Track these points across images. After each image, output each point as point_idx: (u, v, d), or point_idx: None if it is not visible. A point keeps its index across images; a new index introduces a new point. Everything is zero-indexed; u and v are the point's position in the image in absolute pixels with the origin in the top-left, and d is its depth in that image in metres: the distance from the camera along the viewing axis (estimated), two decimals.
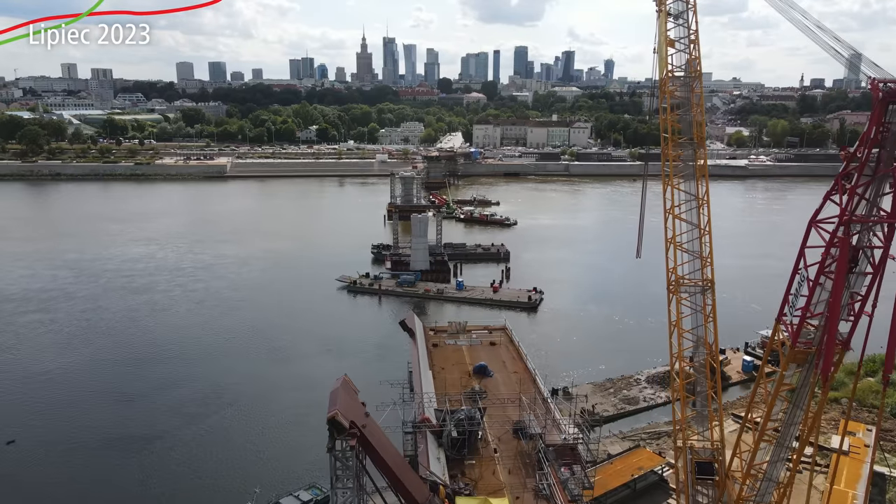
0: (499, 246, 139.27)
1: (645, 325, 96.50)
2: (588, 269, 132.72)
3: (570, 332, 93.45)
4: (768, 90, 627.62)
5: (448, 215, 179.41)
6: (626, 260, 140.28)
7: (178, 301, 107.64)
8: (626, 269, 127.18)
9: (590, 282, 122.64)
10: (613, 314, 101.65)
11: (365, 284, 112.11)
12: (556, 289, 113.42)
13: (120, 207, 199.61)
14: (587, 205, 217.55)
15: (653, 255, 54.19)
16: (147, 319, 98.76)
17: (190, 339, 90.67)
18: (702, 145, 45.97)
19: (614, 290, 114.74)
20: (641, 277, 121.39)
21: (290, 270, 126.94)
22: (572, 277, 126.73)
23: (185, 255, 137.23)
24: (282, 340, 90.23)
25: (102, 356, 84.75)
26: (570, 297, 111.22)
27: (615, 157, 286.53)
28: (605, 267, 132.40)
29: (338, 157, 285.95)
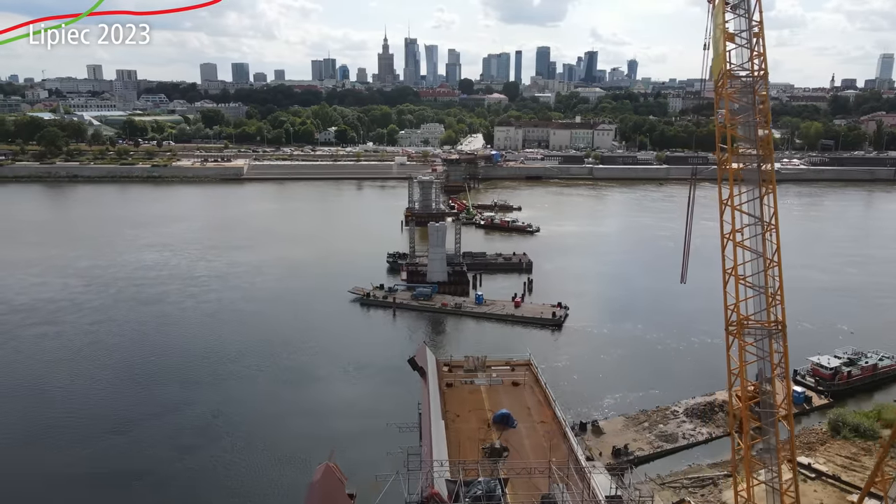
0: (520, 255, 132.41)
1: (680, 347, 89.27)
2: (616, 282, 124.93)
3: (598, 354, 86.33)
4: (798, 91, 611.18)
5: (467, 221, 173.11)
6: (657, 272, 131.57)
7: (188, 313, 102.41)
8: (658, 281, 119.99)
9: (618, 296, 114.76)
10: (645, 333, 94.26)
11: (379, 297, 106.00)
12: (582, 303, 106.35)
13: (136, 211, 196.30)
14: (613, 210, 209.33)
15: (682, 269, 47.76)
16: (155, 334, 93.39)
17: (197, 357, 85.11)
18: (769, 159, 38.68)
19: (645, 306, 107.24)
20: (675, 292, 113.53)
21: (304, 280, 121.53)
22: (599, 290, 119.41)
23: (198, 263, 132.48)
24: (291, 360, 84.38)
25: (104, 375, 79.60)
26: (598, 312, 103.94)
27: (641, 161, 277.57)
28: (635, 279, 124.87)
29: (356, 159, 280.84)
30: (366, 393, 74.54)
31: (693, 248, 44.75)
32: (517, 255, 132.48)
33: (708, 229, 46.10)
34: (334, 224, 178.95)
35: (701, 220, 42.47)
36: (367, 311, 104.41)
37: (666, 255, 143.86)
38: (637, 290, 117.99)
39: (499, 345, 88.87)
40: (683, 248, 48.50)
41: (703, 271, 48.69)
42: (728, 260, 37.78)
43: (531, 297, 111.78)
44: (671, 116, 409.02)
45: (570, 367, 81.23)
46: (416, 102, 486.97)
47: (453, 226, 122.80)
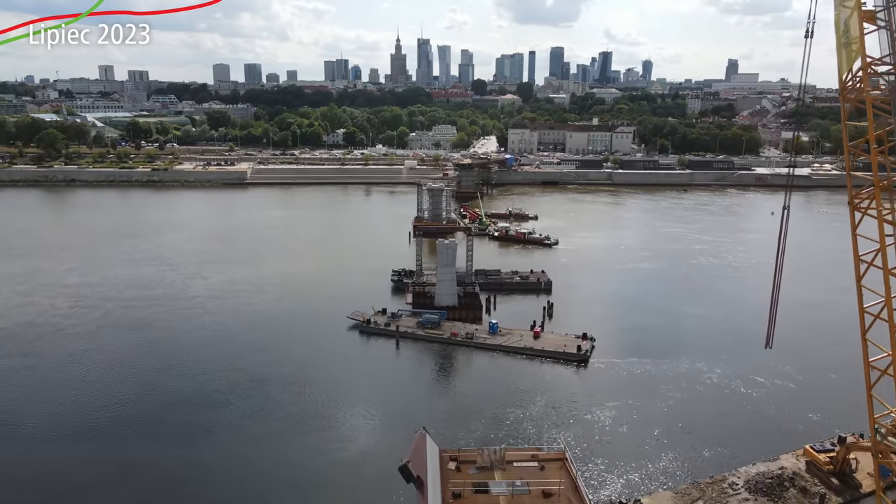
0: (539, 273, 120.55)
1: (733, 392, 76.76)
2: (649, 306, 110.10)
3: (632, 400, 74.31)
4: (821, 91, 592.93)
5: (480, 232, 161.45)
6: (697, 294, 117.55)
7: (179, 343, 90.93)
8: (700, 306, 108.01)
9: (652, 324, 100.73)
10: (688, 374, 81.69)
11: (380, 324, 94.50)
12: (609, 332, 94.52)
13: (133, 218, 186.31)
14: (637, 220, 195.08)
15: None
16: (134, 373, 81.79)
17: (182, 403, 73.30)
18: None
19: (686, 338, 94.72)
20: (720, 319, 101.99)
21: (304, 300, 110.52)
22: (630, 317, 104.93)
23: (193, 280, 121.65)
24: (279, 413, 72.02)
25: (64, 429, 68.03)
26: (629, 345, 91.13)
27: (663, 165, 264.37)
28: (671, 303, 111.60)
29: (364, 163, 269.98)
30: (347, 473, 60.62)
31: (722, 265, 32.99)
32: (535, 273, 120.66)
33: (724, 243, 34.71)
34: (339, 234, 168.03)
35: (716, 232, 30.77)
36: (367, 340, 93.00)
37: (705, 272, 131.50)
38: (675, 316, 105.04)
39: (516, 386, 77.58)
40: (771, 301, 36.81)
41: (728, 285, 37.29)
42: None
43: (551, 322, 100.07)
44: (691, 118, 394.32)
45: (600, 418, 69.57)
46: (428, 103, 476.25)
47: (465, 240, 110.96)
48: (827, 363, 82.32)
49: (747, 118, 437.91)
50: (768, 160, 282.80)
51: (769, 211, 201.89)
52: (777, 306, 35.91)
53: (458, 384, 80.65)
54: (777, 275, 34.43)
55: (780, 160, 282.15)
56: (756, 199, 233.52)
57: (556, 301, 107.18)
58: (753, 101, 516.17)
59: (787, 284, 43.40)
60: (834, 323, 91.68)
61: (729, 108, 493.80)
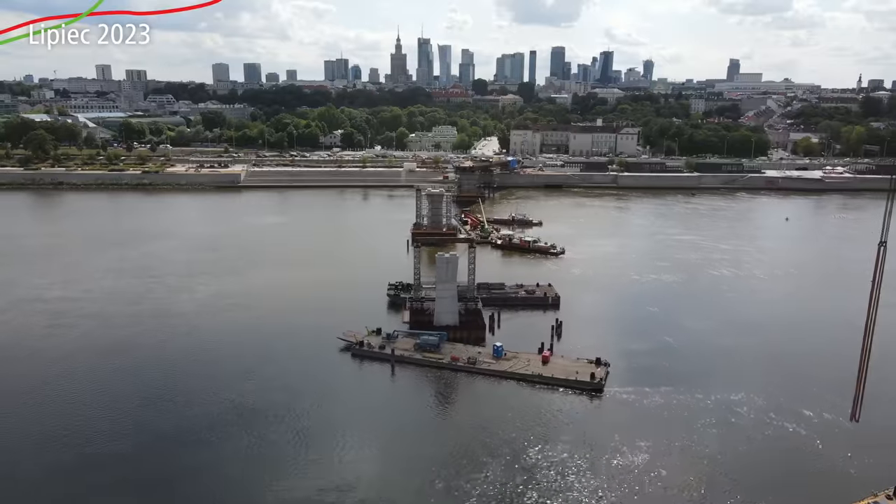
0: (545, 287, 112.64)
1: (777, 430, 68.39)
2: (668, 325, 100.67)
3: (662, 438, 66.23)
4: (825, 91, 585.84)
5: (482, 239, 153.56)
6: (721, 312, 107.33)
7: (159, 368, 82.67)
8: (725, 326, 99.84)
9: (673, 346, 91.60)
10: (719, 406, 73.12)
11: (374, 347, 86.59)
12: (625, 355, 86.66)
13: (120, 224, 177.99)
14: (647, 226, 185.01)
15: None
16: (113, 402, 73.68)
17: (159, 442, 65.80)
18: None
19: (710, 361, 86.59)
20: (748, 338, 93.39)
21: (295, 316, 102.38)
22: (647, 338, 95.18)
23: (180, 295, 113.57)
24: (264, 454, 64.05)
25: (31, 470, 60.37)
26: (647, 370, 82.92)
27: (670, 168, 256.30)
28: (693, 321, 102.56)
29: (362, 165, 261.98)
30: None
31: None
32: (541, 286, 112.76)
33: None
34: (334, 242, 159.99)
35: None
36: (360, 364, 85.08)
37: (728, 284, 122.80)
38: (699, 335, 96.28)
39: (528, 421, 69.94)
40: (861, 363, 29.02)
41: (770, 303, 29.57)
42: None
43: (560, 343, 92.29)
44: (695, 119, 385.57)
45: (630, 461, 61.91)
46: (428, 103, 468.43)
47: (466, 252, 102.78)
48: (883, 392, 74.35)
49: (753, 119, 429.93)
50: (779, 163, 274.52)
51: (784, 217, 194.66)
52: (867, 368, 28.12)
53: (462, 418, 72.89)
54: (868, 332, 26.60)
55: (790, 163, 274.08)
56: (769, 203, 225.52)
57: (565, 318, 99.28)
58: (758, 101, 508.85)
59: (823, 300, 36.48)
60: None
61: (733, 109, 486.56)
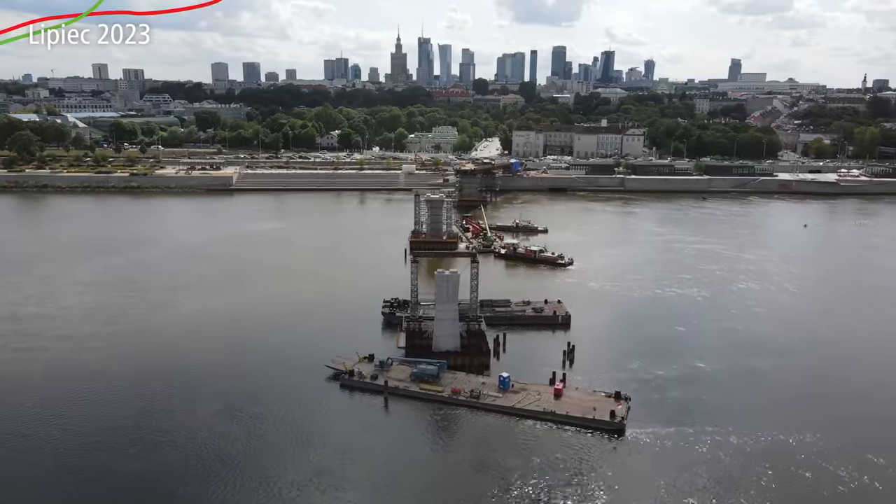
0: (554, 304, 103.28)
1: (850, 485, 58.99)
2: (693, 347, 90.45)
3: (691, 493, 57.18)
4: (831, 91, 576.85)
5: (485, 248, 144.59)
6: (752, 329, 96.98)
7: (129, 405, 72.84)
8: (754, 342, 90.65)
9: (703, 374, 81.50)
10: (769, 450, 63.32)
11: (366, 376, 77.33)
12: (648, 386, 77.53)
13: (104, 231, 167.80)
14: (661, 233, 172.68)
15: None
16: (74, 445, 64.89)
17: (124, 493, 57.73)
18: None
19: (751, 393, 76.82)
20: (790, 364, 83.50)
21: (280, 335, 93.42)
22: (671, 362, 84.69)
23: (161, 311, 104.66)
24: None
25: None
26: (676, 404, 73.03)
27: (679, 170, 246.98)
28: (719, 341, 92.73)
29: (359, 167, 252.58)
30: None
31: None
32: (550, 303, 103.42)
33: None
34: (327, 251, 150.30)
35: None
36: (350, 396, 75.80)
37: (758, 299, 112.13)
38: (733, 361, 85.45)
39: (541, 469, 60.95)
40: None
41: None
42: None
43: (572, 370, 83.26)
44: (700, 119, 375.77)
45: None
46: (429, 103, 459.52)
47: (469, 265, 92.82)
48: None
49: (759, 119, 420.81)
50: (791, 165, 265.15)
51: (802, 223, 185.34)
52: None
53: (463, 462, 63.63)
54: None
55: (802, 165, 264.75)
56: (784, 208, 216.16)
57: (578, 340, 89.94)
58: (763, 101, 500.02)
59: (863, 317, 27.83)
60: None
61: (739, 109, 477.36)
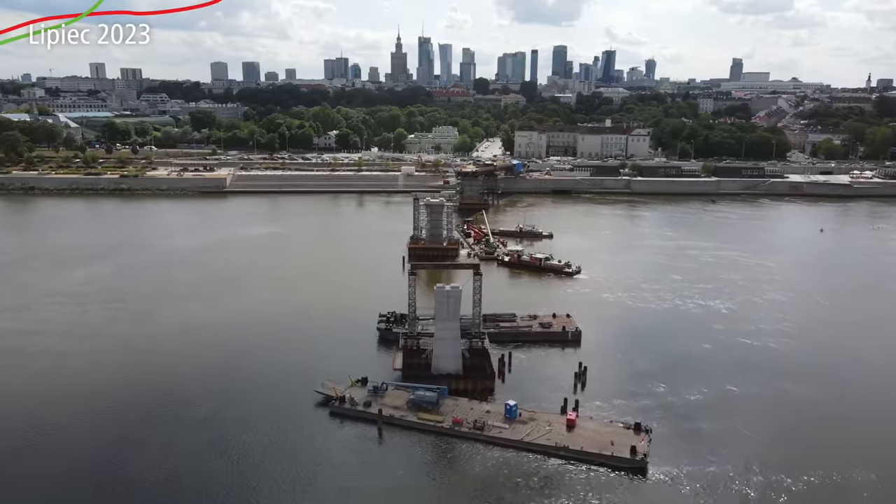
0: (563, 318, 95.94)
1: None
2: (720, 368, 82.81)
3: None
4: (836, 91, 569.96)
5: (488, 255, 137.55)
6: (783, 347, 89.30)
7: (96, 439, 65.88)
8: (789, 363, 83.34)
9: (733, 399, 74.13)
10: (818, 495, 56.30)
11: (358, 403, 70.13)
12: (671, 414, 70.38)
13: (91, 237, 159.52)
14: (671, 238, 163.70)
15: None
16: (39, 479, 58.59)
17: None
18: None
19: (788, 422, 69.52)
20: (833, 388, 75.90)
21: (269, 354, 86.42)
22: (699, 382, 77.75)
23: (142, 324, 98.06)
24: None
25: None
26: (703, 437, 65.63)
27: (686, 172, 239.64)
28: (747, 361, 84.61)
29: (357, 168, 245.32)
30: None
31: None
32: (558, 317, 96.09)
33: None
34: (323, 257, 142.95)
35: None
36: (341, 426, 68.54)
37: (785, 314, 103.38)
38: (766, 384, 77.62)
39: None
40: None
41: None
42: None
43: (584, 393, 76.21)
44: (705, 119, 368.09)
45: None
46: (429, 103, 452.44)
47: (471, 277, 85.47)
48: None
49: (764, 119, 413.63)
50: (802, 166, 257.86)
51: (818, 227, 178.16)
52: None
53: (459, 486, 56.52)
54: None
55: (813, 166, 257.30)
56: (797, 211, 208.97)
57: (590, 359, 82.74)
58: (768, 101, 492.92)
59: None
60: None
61: (743, 109, 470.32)
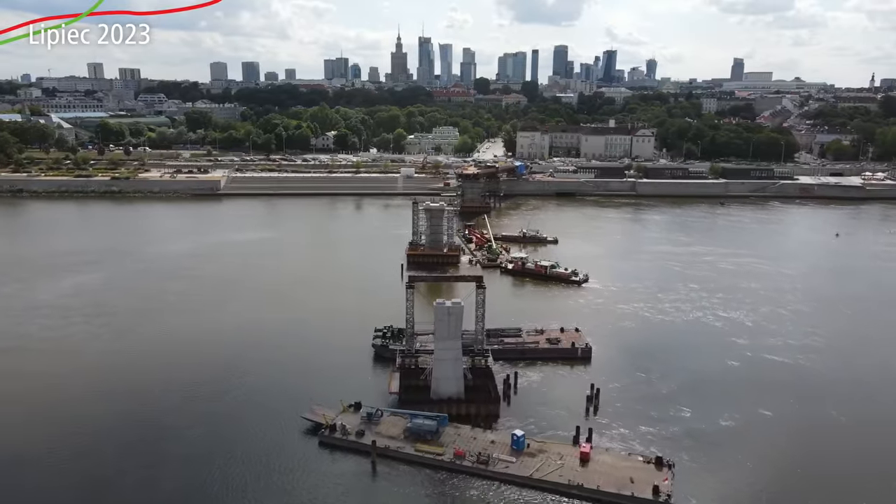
0: (571, 333, 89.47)
1: None
2: (751, 385, 76.61)
3: None
4: (840, 91, 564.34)
5: (490, 262, 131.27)
6: (815, 366, 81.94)
7: (69, 476, 60.10)
8: (822, 384, 76.58)
9: (771, 422, 68.01)
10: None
11: (350, 433, 63.63)
12: (697, 441, 63.97)
13: (80, 242, 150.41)
14: (686, 242, 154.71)
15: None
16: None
17: None
18: None
19: (839, 448, 63.69)
20: (874, 413, 68.66)
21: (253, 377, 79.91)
22: (723, 406, 71.12)
23: (125, 338, 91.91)
24: None
25: None
26: (735, 469, 59.14)
27: (693, 174, 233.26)
28: (775, 383, 77.70)
29: (355, 170, 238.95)
30: None
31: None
32: (566, 332, 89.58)
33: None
34: (318, 264, 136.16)
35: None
36: (331, 458, 62.10)
37: (812, 325, 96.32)
38: (815, 417, 70.24)
39: None
40: None
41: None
42: None
43: (597, 417, 69.98)
44: (709, 119, 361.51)
45: None
46: (429, 103, 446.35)
47: (475, 290, 79.13)
48: None
49: (769, 119, 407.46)
50: (811, 167, 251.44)
51: (832, 232, 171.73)
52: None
53: None
54: None
55: (823, 167, 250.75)
56: (808, 214, 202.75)
57: (602, 379, 76.49)
58: (772, 101, 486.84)
59: None
60: None
61: (747, 109, 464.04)
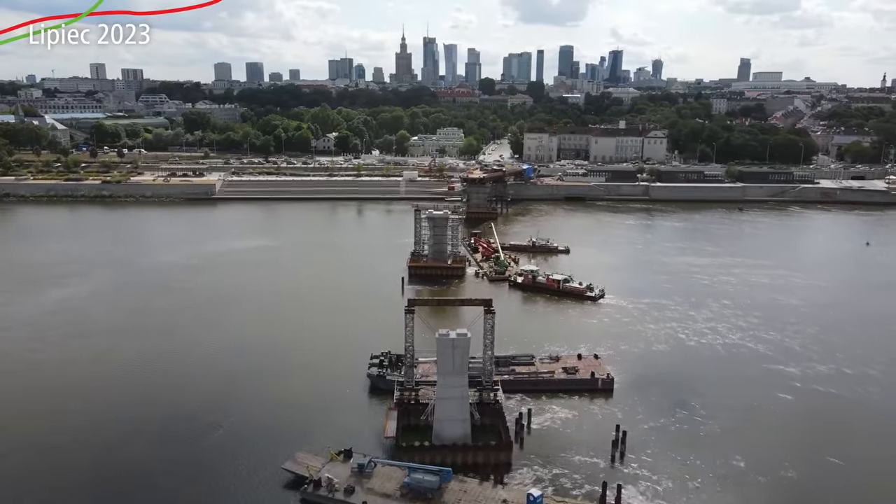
0: (590, 360, 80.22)
1: None
2: (809, 425, 68.27)
3: None
4: (852, 91, 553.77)
5: (498, 275, 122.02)
6: (873, 398, 71.46)
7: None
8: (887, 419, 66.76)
9: (835, 471, 59.55)
10: None
11: (337, 489, 54.41)
12: (746, 498, 54.82)
13: (66, 251, 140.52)
14: (709, 252, 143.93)
15: None
16: None
17: None
18: None
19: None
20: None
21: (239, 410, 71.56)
22: (780, 451, 62.27)
23: (101, 362, 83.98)
24: None
25: None
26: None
27: (709, 178, 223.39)
28: (840, 419, 69.26)
29: (356, 174, 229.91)
30: None
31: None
32: (584, 358, 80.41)
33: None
34: (311, 280, 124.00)
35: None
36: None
37: (865, 350, 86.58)
38: (869, 458, 61.77)
39: None
40: None
41: None
42: None
43: (624, 466, 60.78)
44: (721, 120, 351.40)
45: None
46: (433, 103, 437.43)
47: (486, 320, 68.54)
48: None
49: (781, 120, 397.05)
50: (832, 171, 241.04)
51: (862, 240, 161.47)
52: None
53: None
54: None
55: (845, 171, 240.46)
56: (833, 221, 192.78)
57: (628, 419, 67.27)
58: (783, 101, 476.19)
59: None
60: None
61: (759, 109, 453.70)
